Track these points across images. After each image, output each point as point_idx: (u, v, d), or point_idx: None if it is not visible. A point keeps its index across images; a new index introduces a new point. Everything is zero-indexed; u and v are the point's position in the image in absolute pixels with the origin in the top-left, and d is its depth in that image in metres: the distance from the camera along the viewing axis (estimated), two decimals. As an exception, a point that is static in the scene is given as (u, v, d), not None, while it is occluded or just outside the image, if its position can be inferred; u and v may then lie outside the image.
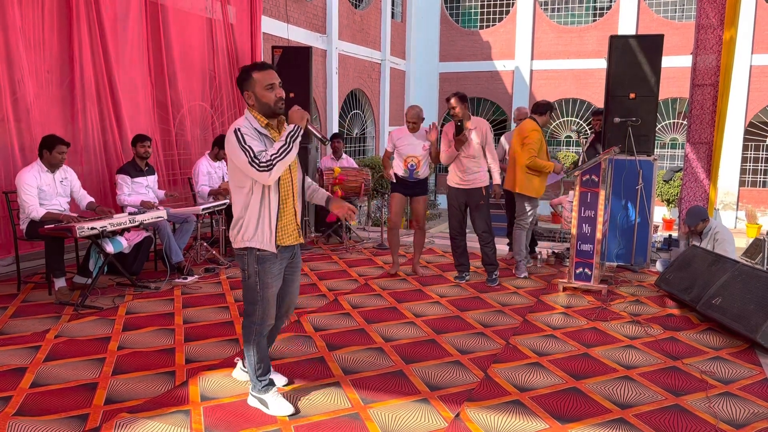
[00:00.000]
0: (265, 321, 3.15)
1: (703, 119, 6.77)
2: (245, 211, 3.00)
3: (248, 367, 3.21)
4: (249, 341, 3.15)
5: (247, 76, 2.96)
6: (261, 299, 3.09)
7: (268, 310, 3.14)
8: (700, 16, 6.72)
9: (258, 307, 3.10)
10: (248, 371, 3.23)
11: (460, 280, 5.88)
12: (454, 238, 5.89)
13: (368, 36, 16.79)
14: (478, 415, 3.19)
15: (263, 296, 3.09)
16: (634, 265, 6.44)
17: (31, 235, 5.13)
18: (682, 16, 17.36)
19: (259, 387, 3.18)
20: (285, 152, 2.87)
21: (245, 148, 2.86)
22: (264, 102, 2.96)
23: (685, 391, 3.54)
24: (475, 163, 5.66)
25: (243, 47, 8.77)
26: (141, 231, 5.68)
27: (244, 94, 3.00)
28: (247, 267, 3.06)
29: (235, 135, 2.89)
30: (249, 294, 3.12)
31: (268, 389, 3.18)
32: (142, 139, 6.02)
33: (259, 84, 2.94)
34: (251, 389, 3.23)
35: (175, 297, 5.19)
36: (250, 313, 3.14)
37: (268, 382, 3.20)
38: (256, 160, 2.83)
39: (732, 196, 16.79)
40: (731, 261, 4.94)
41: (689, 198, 6.90)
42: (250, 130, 2.93)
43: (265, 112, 2.99)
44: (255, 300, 3.10)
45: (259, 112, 3.00)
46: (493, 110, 19.48)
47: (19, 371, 3.61)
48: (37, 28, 5.93)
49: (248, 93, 2.98)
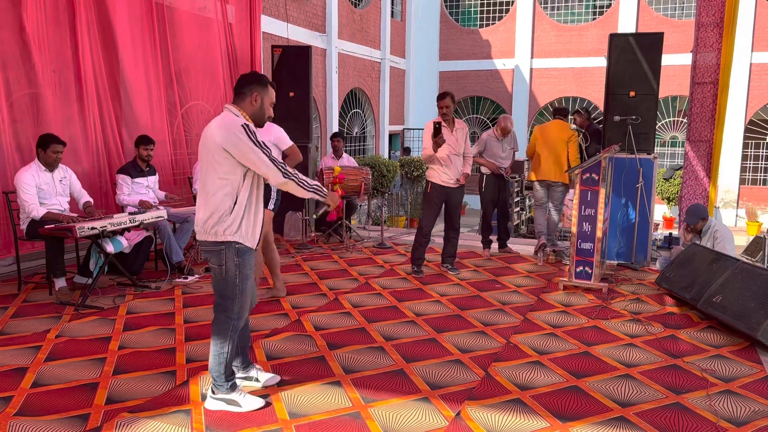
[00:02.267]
0: (242, 315, 3.18)
1: (703, 117, 6.77)
2: (231, 206, 3.03)
3: (214, 367, 3.15)
4: (225, 338, 3.13)
5: (265, 85, 3.16)
6: (240, 292, 3.12)
7: (245, 303, 3.18)
8: (700, 14, 6.72)
9: (236, 300, 3.12)
10: (213, 372, 3.16)
11: (419, 275, 5.99)
12: (426, 236, 6.06)
13: (368, 35, 16.78)
14: (479, 414, 3.19)
15: (242, 289, 3.12)
16: (634, 264, 6.44)
17: (31, 235, 5.13)
18: (682, 14, 17.35)
19: (226, 387, 3.15)
20: (301, 184, 3.07)
21: (260, 144, 2.99)
22: (262, 112, 3.17)
23: (685, 389, 3.54)
24: (461, 162, 5.98)
25: (242, 47, 8.76)
26: (141, 231, 5.68)
27: (251, 94, 3.12)
28: (225, 261, 3.07)
29: (245, 130, 2.98)
30: (226, 288, 3.12)
31: (235, 387, 3.18)
32: (146, 142, 5.99)
33: (269, 97, 3.18)
34: (213, 394, 3.17)
35: (175, 296, 5.20)
36: (226, 308, 3.13)
37: (233, 379, 3.20)
38: (279, 163, 3.02)
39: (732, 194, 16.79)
40: (732, 259, 4.94)
41: (689, 196, 6.90)
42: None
43: (255, 119, 3.15)
44: (234, 294, 3.11)
45: (248, 114, 3.13)
46: (493, 109, 19.48)
47: (20, 371, 3.61)
48: (41, 28, 5.93)
49: (257, 96, 3.13)
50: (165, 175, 7.40)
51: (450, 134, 5.82)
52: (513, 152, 7.09)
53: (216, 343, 3.15)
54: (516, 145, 7.09)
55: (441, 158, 5.84)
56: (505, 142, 6.89)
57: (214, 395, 3.18)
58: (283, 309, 4.88)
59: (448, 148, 5.80)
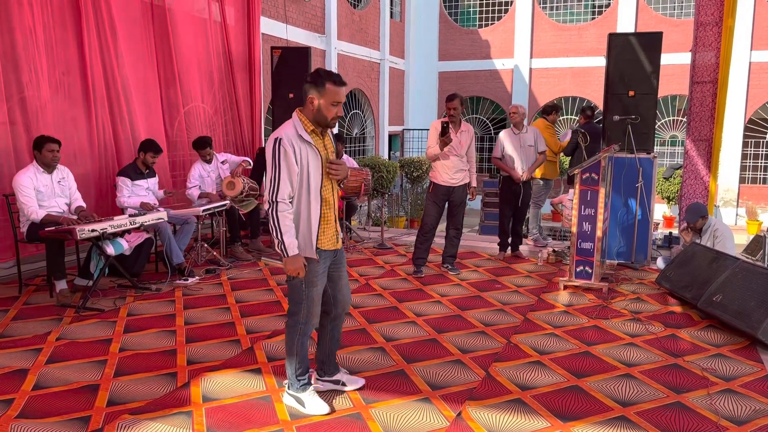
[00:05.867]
0: (310, 320, 3.18)
1: (702, 116, 6.77)
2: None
3: (287, 366, 3.23)
4: (293, 341, 3.18)
5: (321, 83, 2.97)
6: (306, 298, 3.12)
7: (313, 309, 3.17)
8: (699, 13, 6.72)
9: (303, 306, 3.14)
10: (287, 370, 3.24)
11: (420, 275, 5.99)
12: (427, 233, 6.05)
13: (367, 36, 16.78)
14: (480, 414, 3.19)
15: (308, 295, 3.13)
16: (634, 263, 6.44)
17: (31, 238, 5.13)
18: (681, 13, 17.34)
19: (297, 386, 3.22)
20: (274, 228, 2.96)
21: (277, 168, 2.93)
22: (323, 114, 3.00)
23: (686, 388, 3.54)
24: (463, 163, 5.97)
25: (241, 48, 8.77)
26: (142, 233, 5.68)
27: (306, 97, 3.01)
28: None
29: (274, 146, 2.95)
30: (294, 294, 3.16)
31: (306, 388, 3.22)
32: (154, 151, 5.98)
33: (328, 96, 2.97)
34: (288, 388, 3.26)
35: (176, 298, 5.20)
36: (294, 313, 3.17)
37: (306, 381, 3.24)
38: (276, 193, 2.93)
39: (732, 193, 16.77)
40: (732, 258, 4.94)
41: (689, 195, 6.90)
42: (292, 140, 2.96)
43: (316, 121, 3.03)
44: (300, 299, 3.13)
45: (309, 119, 3.03)
46: (493, 109, 19.47)
47: (21, 373, 3.62)
48: (48, 30, 5.94)
49: (313, 99, 2.99)
50: (164, 177, 7.40)
51: (454, 136, 5.84)
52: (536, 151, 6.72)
53: (286, 345, 3.22)
54: (540, 143, 6.75)
55: (443, 158, 5.86)
56: (523, 138, 6.66)
57: (288, 390, 3.26)
58: (283, 310, 4.88)
59: (450, 149, 5.83)
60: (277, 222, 2.95)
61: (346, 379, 3.46)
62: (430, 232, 6.09)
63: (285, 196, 2.95)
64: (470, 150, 6.04)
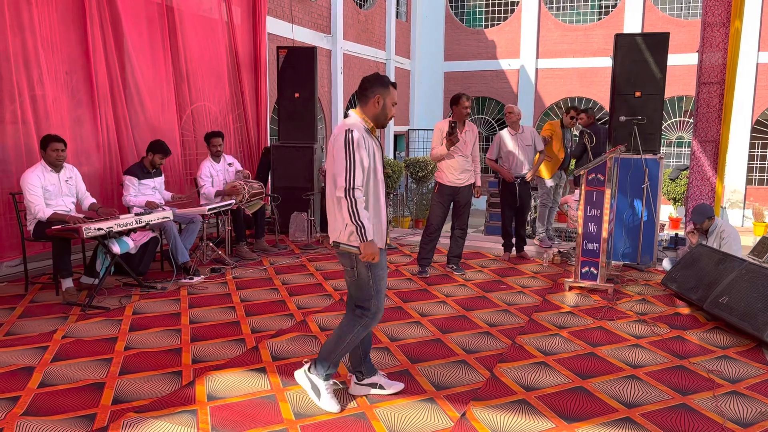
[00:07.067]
0: (378, 313, 3.22)
1: (709, 117, 6.75)
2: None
3: (328, 348, 3.22)
4: (352, 329, 3.19)
5: (386, 86, 3.19)
6: (376, 292, 3.17)
7: (382, 302, 3.22)
8: (706, 14, 6.69)
9: (373, 300, 3.18)
10: (323, 353, 3.23)
11: (424, 275, 5.98)
12: (432, 233, 6.05)
13: (373, 36, 16.79)
14: (484, 415, 3.19)
15: (378, 289, 3.18)
16: (640, 264, 6.41)
17: (38, 236, 5.15)
18: (688, 13, 17.28)
19: (323, 373, 3.22)
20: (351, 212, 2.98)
21: (351, 157, 3.00)
22: (384, 113, 3.19)
23: (692, 390, 3.53)
24: (469, 163, 5.97)
25: (248, 47, 8.79)
26: (147, 231, 5.70)
27: (373, 96, 3.15)
28: (357, 264, 3.12)
29: (345, 137, 3.03)
30: (361, 290, 3.19)
31: (328, 378, 3.25)
32: (163, 153, 5.99)
33: (391, 98, 3.20)
34: (310, 368, 3.26)
35: (181, 297, 5.21)
36: (363, 306, 3.20)
37: (333, 372, 3.27)
38: (353, 180, 2.98)
39: (739, 194, 16.70)
40: (738, 260, 4.92)
41: (696, 196, 6.88)
42: (362, 133, 3.08)
43: (376, 119, 3.19)
44: (369, 295, 3.18)
45: (369, 116, 3.18)
46: (498, 109, 19.44)
47: (27, 371, 3.63)
48: (53, 29, 5.96)
49: (379, 98, 3.16)
50: (175, 176, 7.42)
51: (460, 135, 5.80)
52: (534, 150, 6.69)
53: (340, 332, 3.23)
54: (538, 143, 6.75)
55: (448, 158, 5.85)
56: (521, 138, 6.63)
57: (308, 372, 3.26)
58: (288, 309, 4.89)
59: (456, 149, 5.79)
60: (354, 207, 2.99)
61: (383, 382, 3.44)
62: (436, 232, 6.08)
63: (360, 183, 3.02)
64: (475, 150, 6.04)
